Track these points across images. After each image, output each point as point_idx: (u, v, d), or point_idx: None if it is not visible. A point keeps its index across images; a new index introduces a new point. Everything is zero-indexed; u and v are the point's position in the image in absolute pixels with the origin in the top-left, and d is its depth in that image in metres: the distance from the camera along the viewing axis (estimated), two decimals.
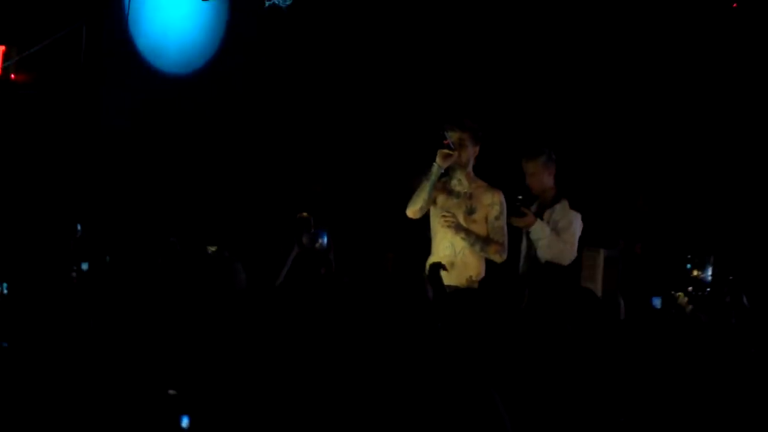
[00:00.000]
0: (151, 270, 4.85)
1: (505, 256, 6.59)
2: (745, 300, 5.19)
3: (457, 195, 6.64)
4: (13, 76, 8.80)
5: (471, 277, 6.49)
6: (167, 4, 8.96)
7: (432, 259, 6.62)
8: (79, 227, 6.01)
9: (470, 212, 6.60)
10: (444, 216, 6.56)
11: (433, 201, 6.68)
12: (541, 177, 6.95)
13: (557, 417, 3.85)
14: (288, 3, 7.43)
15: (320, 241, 5.86)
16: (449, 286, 6.13)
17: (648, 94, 8.62)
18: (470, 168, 6.65)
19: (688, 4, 8.46)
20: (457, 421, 3.51)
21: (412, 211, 6.63)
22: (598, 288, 7.66)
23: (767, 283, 6.69)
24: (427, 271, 6.43)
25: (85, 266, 5.11)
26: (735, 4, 8.26)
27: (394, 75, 8.87)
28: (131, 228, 8.31)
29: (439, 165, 6.54)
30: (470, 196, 6.60)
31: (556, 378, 3.94)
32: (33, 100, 8.88)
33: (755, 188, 8.41)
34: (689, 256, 5.51)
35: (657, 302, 4.98)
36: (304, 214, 5.93)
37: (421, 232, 7.18)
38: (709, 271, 5.43)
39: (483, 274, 6.60)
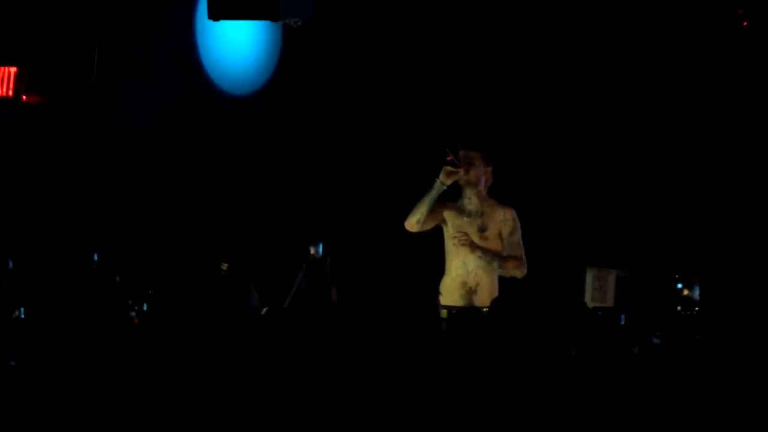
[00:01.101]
0: (161, 292, 4.84)
1: (525, 270, 6.58)
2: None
3: (468, 214, 6.65)
4: (24, 97, 8.82)
5: (485, 296, 6.48)
6: (199, 25, 9.00)
7: (446, 279, 6.64)
8: (96, 257, 6.02)
9: (482, 230, 6.61)
10: (456, 236, 6.56)
11: (443, 221, 6.70)
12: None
13: None
14: (299, 23, 7.46)
15: (316, 249, 5.86)
16: (461, 307, 6.13)
17: (641, 119, 8.65)
18: (482, 187, 6.65)
19: (674, 27, 8.48)
20: None
21: (410, 223, 6.63)
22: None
23: (754, 298, 6.69)
24: (443, 292, 6.47)
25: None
26: (745, 23, 8.27)
27: (403, 92, 8.89)
28: (143, 251, 8.32)
29: (441, 182, 6.56)
30: (482, 214, 6.62)
31: (557, 400, 3.94)
32: (43, 122, 8.90)
33: (741, 207, 8.41)
34: (677, 276, 5.51)
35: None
36: (315, 236, 5.95)
37: (418, 251, 7.20)
38: (698, 290, 5.43)
39: (497, 293, 6.60)
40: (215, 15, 7.42)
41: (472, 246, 6.52)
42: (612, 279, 7.83)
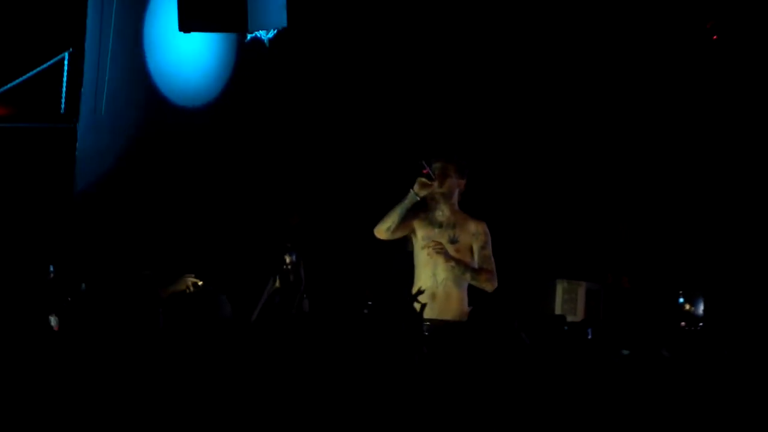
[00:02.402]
0: (130, 304, 4.80)
1: (495, 284, 6.60)
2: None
3: (440, 225, 6.67)
4: None
5: (453, 308, 6.49)
6: (165, 35, 8.97)
7: (414, 290, 6.63)
8: (51, 268, 5.94)
9: (453, 241, 6.62)
10: (430, 245, 6.56)
11: (413, 232, 6.72)
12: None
13: None
14: (270, 36, 7.44)
15: (291, 257, 5.84)
16: (432, 319, 6.13)
17: (633, 125, 8.67)
18: (454, 199, 6.68)
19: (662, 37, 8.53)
20: None
21: (379, 230, 6.66)
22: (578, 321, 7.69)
23: (757, 313, 6.70)
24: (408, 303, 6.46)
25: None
26: (715, 37, 8.35)
27: (377, 106, 8.90)
28: (108, 264, 8.26)
29: (415, 193, 6.59)
30: (453, 226, 6.64)
31: (537, 409, 3.94)
32: (12, 135, 8.84)
33: (746, 222, 8.44)
34: (681, 291, 5.50)
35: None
36: (288, 244, 5.93)
37: (400, 267, 7.19)
38: (701, 306, 5.42)
39: (466, 305, 6.62)
40: (185, 27, 7.40)
41: (446, 256, 6.53)
42: (582, 291, 7.87)
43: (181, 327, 4.21)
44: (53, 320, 4.96)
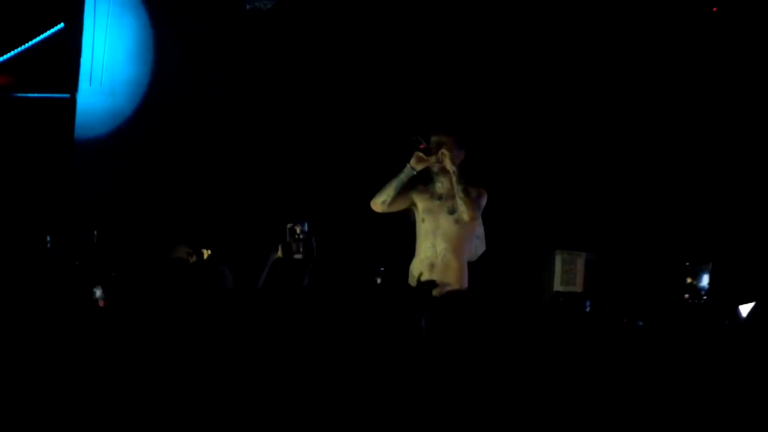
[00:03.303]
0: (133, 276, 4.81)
1: (473, 214, 6.55)
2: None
3: (439, 197, 6.69)
4: None
5: (451, 278, 6.52)
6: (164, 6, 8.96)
7: (414, 261, 6.71)
8: (48, 239, 5.94)
9: (452, 212, 6.65)
10: (444, 153, 6.52)
11: (413, 203, 6.75)
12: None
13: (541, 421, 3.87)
14: (269, 6, 7.42)
15: (301, 227, 5.82)
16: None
17: (615, 104, 8.67)
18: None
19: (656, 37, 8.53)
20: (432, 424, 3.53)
21: (375, 203, 6.70)
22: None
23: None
24: (411, 273, 6.52)
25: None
26: (715, 9, 8.32)
27: (373, 76, 8.88)
28: (112, 235, 8.28)
29: (412, 167, 6.62)
30: (453, 197, 6.64)
31: (545, 384, 3.96)
32: (13, 105, 8.84)
33: (752, 196, 8.43)
34: (687, 264, 5.49)
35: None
36: (289, 225, 5.91)
37: (406, 238, 7.22)
38: (706, 280, 5.41)
39: (465, 276, 6.66)
40: None
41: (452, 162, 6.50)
42: (581, 262, 7.88)
43: (183, 298, 4.21)
44: (98, 293, 4.95)
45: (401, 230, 7.10)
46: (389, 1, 8.75)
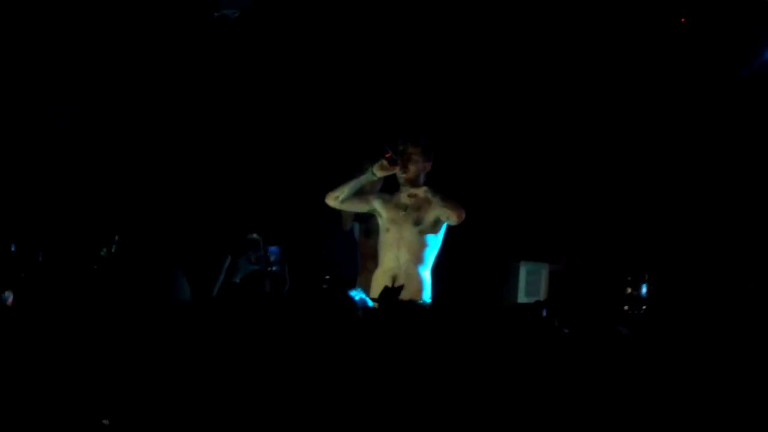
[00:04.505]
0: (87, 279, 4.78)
1: (462, 213, 6.59)
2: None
3: (404, 208, 6.71)
4: None
5: (414, 290, 6.53)
6: None
7: (377, 272, 6.73)
8: (13, 248, 5.91)
9: (417, 223, 6.67)
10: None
11: (378, 213, 6.79)
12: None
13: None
14: (236, 14, 7.43)
15: (273, 258, 5.82)
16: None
17: (589, 115, 8.72)
18: (420, 183, 6.72)
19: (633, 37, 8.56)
20: None
21: (329, 197, 6.76)
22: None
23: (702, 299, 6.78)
24: (373, 284, 6.54)
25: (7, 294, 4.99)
26: (683, 19, 8.38)
27: (345, 90, 8.89)
28: (66, 237, 8.22)
29: (374, 172, 6.67)
30: (418, 208, 6.68)
31: (503, 392, 3.97)
32: None
33: (694, 205, 8.52)
34: (629, 278, 5.55)
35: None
36: (254, 235, 5.91)
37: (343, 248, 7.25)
38: (644, 289, 5.47)
39: (428, 288, 6.68)
40: None
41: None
42: (545, 273, 7.93)
43: (139, 305, 4.20)
44: (7, 295, 4.92)
45: (339, 239, 7.15)
46: (358, 11, 8.75)
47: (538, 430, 3.87)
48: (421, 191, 6.64)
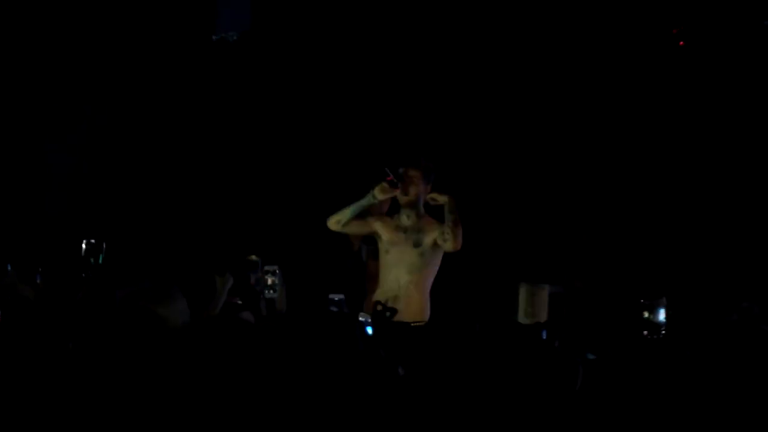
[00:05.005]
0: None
1: (457, 244, 6.64)
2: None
3: (405, 230, 6.77)
4: None
5: (414, 311, 6.54)
6: None
7: (378, 293, 6.76)
8: (9, 267, 5.88)
9: (417, 245, 6.72)
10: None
11: (378, 235, 6.84)
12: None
13: None
14: (236, 37, 7.44)
15: (272, 280, 5.79)
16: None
17: (597, 129, 8.70)
18: (420, 205, 6.75)
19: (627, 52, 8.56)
20: None
21: (330, 221, 6.83)
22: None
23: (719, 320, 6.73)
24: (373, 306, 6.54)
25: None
26: (681, 43, 8.38)
27: (340, 107, 8.89)
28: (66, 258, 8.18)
29: (374, 195, 6.72)
30: (418, 231, 6.73)
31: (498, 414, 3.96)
32: None
33: (707, 230, 8.48)
34: (642, 301, 5.52)
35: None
36: (253, 256, 5.88)
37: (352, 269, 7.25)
38: (662, 314, 5.44)
39: (428, 308, 6.71)
40: None
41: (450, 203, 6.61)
42: (545, 295, 7.89)
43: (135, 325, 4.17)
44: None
45: (347, 260, 7.16)
46: (360, 31, 8.77)
47: None
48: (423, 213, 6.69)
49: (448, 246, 6.64)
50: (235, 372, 3.84)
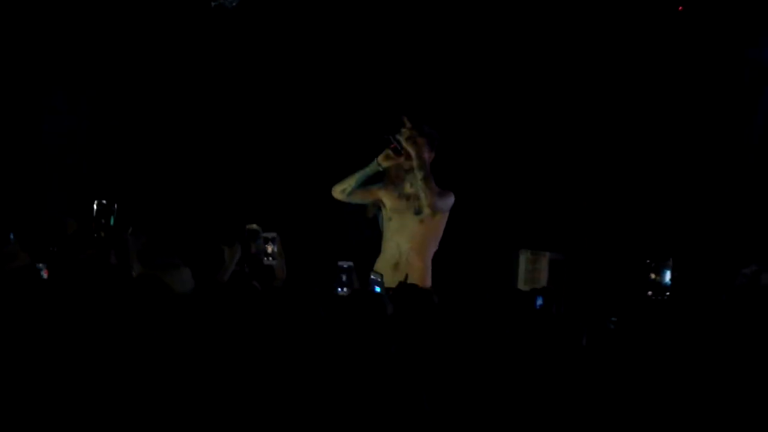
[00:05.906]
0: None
1: (431, 200, 6.62)
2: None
3: (407, 197, 6.77)
4: None
5: (414, 278, 6.54)
6: None
7: (379, 260, 6.78)
8: (11, 236, 5.86)
9: (418, 213, 6.71)
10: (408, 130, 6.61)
11: (382, 202, 6.84)
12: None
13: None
14: (234, 4, 7.40)
15: (271, 248, 5.79)
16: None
17: (598, 95, 8.68)
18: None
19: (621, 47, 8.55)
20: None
21: (335, 190, 6.87)
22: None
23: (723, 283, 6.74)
24: (373, 271, 6.56)
25: None
26: (681, 7, 8.35)
27: (343, 74, 8.85)
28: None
29: (378, 162, 6.74)
30: (418, 198, 6.70)
31: (503, 382, 3.97)
32: None
33: (713, 191, 8.46)
34: (648, 261, 5.52)
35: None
36: (253, 225, 5.88)
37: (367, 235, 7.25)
38: (668, 275, 5.44)
39: (429, 276, 6.73)
40: None
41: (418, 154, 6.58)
42: (545, 261, 7.92)
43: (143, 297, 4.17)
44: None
45: (364, 226, 7.17)
46: (362, 3, 8.72)
47: (533, 420, 3.87)
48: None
49: (425, 203, 6.63)
50: (243, 340, 3.85)
